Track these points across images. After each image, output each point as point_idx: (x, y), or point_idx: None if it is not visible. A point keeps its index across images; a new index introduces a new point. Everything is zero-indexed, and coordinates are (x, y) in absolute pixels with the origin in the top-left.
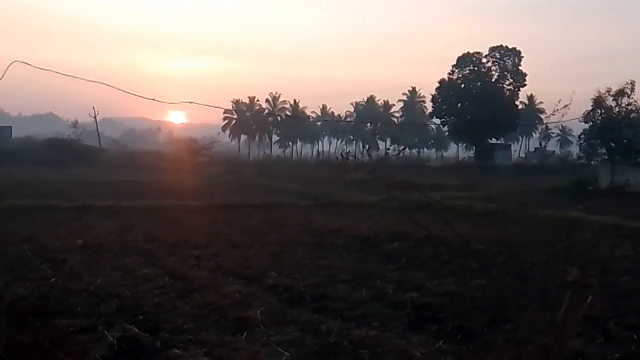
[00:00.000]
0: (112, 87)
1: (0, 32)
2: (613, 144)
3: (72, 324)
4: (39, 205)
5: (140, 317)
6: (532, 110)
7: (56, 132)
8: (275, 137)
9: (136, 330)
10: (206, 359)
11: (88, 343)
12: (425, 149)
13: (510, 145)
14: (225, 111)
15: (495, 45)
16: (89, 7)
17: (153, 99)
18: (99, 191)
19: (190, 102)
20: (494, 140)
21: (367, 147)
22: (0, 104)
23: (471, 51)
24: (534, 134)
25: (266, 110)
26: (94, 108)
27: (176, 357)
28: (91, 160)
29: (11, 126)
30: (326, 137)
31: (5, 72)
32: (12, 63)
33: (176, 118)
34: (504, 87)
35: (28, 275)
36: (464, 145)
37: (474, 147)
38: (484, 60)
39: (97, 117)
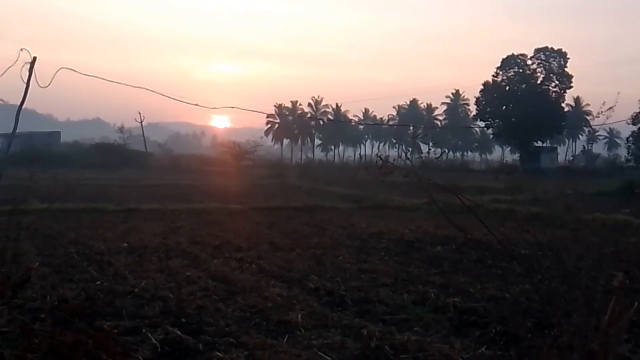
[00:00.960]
0: (157, 92)
1: (48, 39)
2: None
3: (116, 326)
4: (86, 207)
5: (183, 319)
6: (579, 112)
7: (103, 136)
8: (317, 141)
9: (179, 332)
10: None
11: (132, 345)
12: (469, 152)
13: (556, 147)
14: (268, 115)
15: (540, 46)
16: (135, 15)
17: (196, 104)
18: (145, 194)
19: (233, 107)
20: (539, 143)
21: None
22: (49, 109)
23: (516, 53)
24: (580, 136)
25: (308, 114)
26: (140, 113)
27: (218, 359)
28: (137, 164)
29: (60, 131)
30: (368, 141)
31: (52, 79)
32: (59, 70)
33: (220, 122)
34: (549, 89)
35: (75, 277)
36: (509, 148)
37: (519, 150)
38: (529, 62)
39: (143, 122)
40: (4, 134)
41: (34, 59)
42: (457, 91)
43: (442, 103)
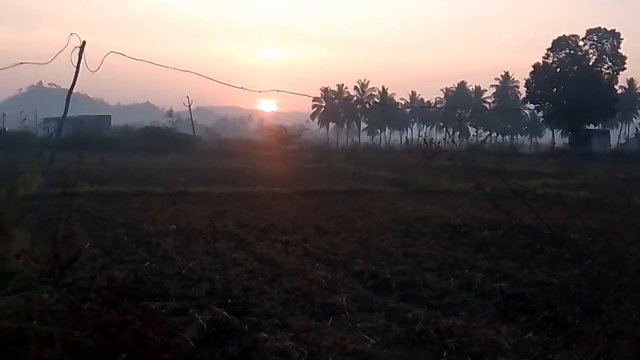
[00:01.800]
0: (204, 77)
1: (98, 24)
2: None
3: (164, 306)
4: (135, 191)
5: (230, 300)
6: (632, 94)
7: (152, 120)
8: (363, 125)
9: (225, 313)
10: (292, 344)
11: (179, 325)
12: (518, 136)
13: (608, 131)
14: (314, 99)
15: (592, 27)
16: (184, 1)
17: (242, 88)
18: (193, 178)
19: (278, 91)
20: (591, 126)
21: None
22: (101, 94)
23: (567, 34)
24: (634, 119)
25: (354, 98)
26: (188, 97)
27: (263, 340)
28: (185, 147)
29: (110, 115)
30: (415, 124)
31: (101, 63)
32: (107, 54)
33: (266, 106)
34: (602, 71)
35: (124, 258)
36: (560, 131)
37: (570, 134)
38: (581, 43)
39: (191, 106)
40: (55, 118)
41: (84, 43)
42: (507, 73)
43: (491, 86)
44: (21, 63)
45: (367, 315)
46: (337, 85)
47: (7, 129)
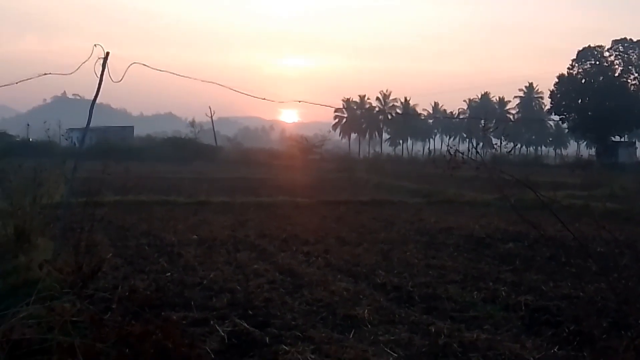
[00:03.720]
0: (226, 87)
1: (122, 34)
2: None
3: (185, 317)
4: (158, 200)
5: (251, 311)
6: None
7: (175, 130)
8: (385, 135)
9: (246, 325)
10: (314, 356)
11: (200, 336)
12: (543, 147)
13: (634, 142)
14: (336, 110)
15: (618, 38)
16: (205, 10)
17: (264, 99)
18: (215, 187)
19: (300, 101)
20: (617, 138)
21: (480, 144)
22: (124, 104)
23: (592, 44)
24: None
25: (377, 108)
26: (210, 108)
27: (284, 353)
28: (208, 157)
29: (133, 126)
30: (438, 135)
31: (124, 74)
32: (131, 65)
33: (288, 117)
34: (628, 82)
35: (146, 268)
36: (585, 142)
37: (596, 145)
38: (607, 54)
39: (213, 117)
40: (78, 128)
41: (107, 54)
42: (531, 84)
43: (515, 96)
44: (46, 74)
45: (390, 328)
46: (359, 95)
47: (31, 139)
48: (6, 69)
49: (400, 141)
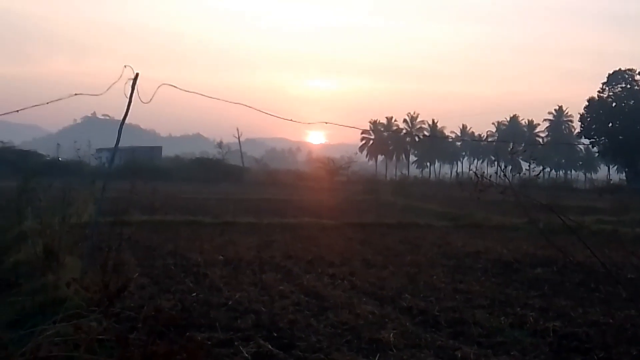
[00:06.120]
0: (253, 108)
1: (151, 55)
2: None
3: (209, 338)
4: (185, 220)
5: (275, 333)
6: None
7: (203, 151)
8: (412, 157)
9: (270, 347)
10: None
11: (224, 357)
12: (573, 171)
13: None
14: (363, 131)
15: None
16: (232, 32)
17: (291, 120)
18: (241, 208)
19: (326, 123)
20: None
21: (508, 167)
22: (152, 125)
23: (623, 67)
24: None
25: (404, 130)
26: (237, 129)
27: None
28: (235, 178)
29: (161, 146)
30: (466, 158)
31: (153, 95)
32: (160, 86)
33: (315, 138)
34: None
35: (172, 288)
36: (615, 167)
37: (626, 169)
38: (637, 77)
39: (240, 138)
40: (108, 148)
41: (137, 75)
42: (560, 107)
43: (545, 119)
44: (76, 94)
45: (415, 353)
46: (387, 117)
47: (60, 159)
48: (37, 88)
49: (428, 163)
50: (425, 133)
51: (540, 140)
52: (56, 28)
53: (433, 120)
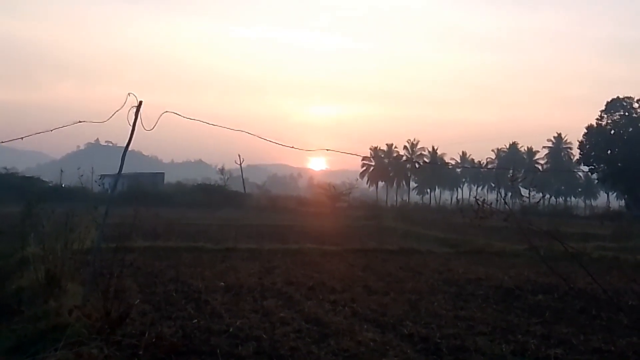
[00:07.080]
0: (255, 135)
1: (155, 82)
2: None
3: None
4: (186, 246)
5: None
6: None
7: (205, 177)
8: (413, 184)
9: None
10: None
11: None
12: (572, 197)
13: None
14: (364, 158)
15: None
16: (234, 60)
17: (292, 147)
18: (243, 234)
19: (328, 150)
20: None
21: (508, 194)
22: (155, 151)
23: (621, 95)
24: None
25: (404, 157)
26: (239, 156)
27: None
28: (236, 204)
29: (164, 172)
30: (466, 184)
31: (156, 123)
32: (163, 114)
33: (316, 164)
34: None
35: (173, 314)
36: (615, 193)
37: (626, 196)
38: (636, 104)
39: (242, 164)
40: (111, 174)
41: (140, 103)
42: (559, 134)
43: (544, 147)
44: (80, 122)
45: None
46: (387, 144)
47: (64, 185)
48: (42, 115)
49: (428, 190)
50: (426, 160)
51: (540, 167)
52: (62, 54)
53: (433, 147)
